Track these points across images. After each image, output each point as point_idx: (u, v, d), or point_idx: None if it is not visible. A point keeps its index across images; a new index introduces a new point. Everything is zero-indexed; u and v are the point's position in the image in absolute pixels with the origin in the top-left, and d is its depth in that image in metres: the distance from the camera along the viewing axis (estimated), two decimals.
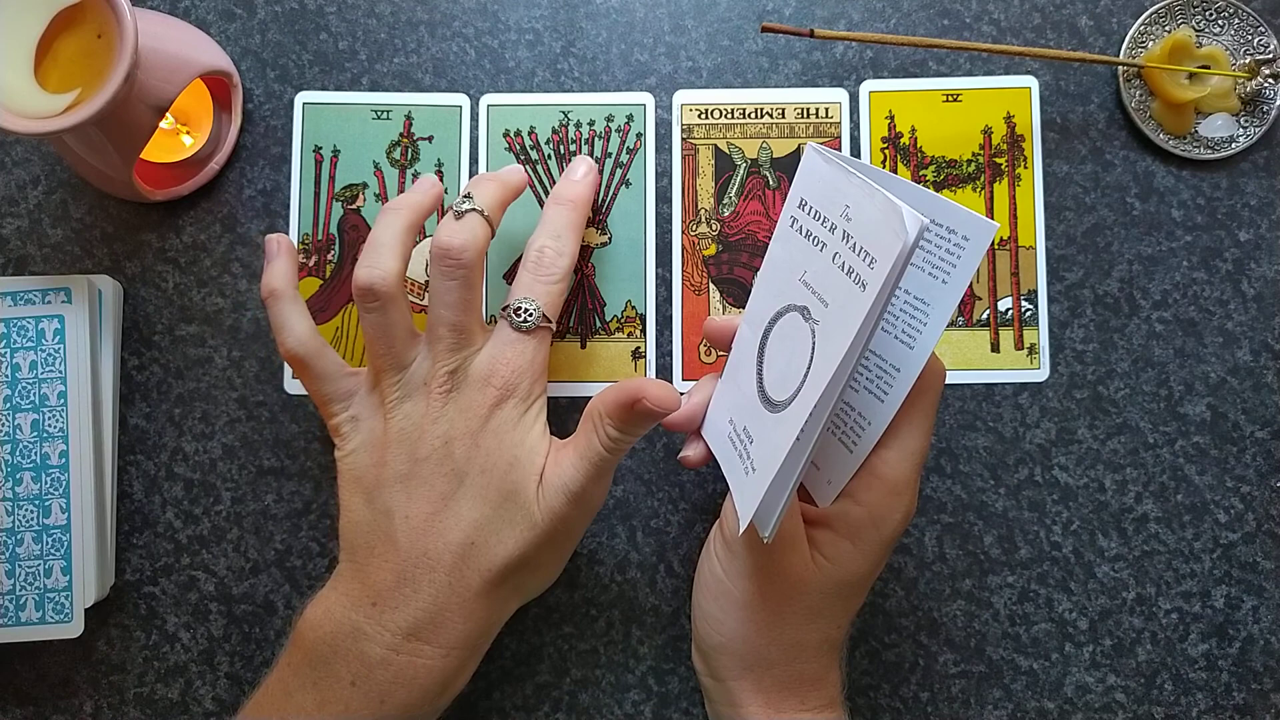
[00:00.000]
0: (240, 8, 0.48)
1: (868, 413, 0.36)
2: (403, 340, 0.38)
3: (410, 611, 0.36)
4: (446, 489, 0.37)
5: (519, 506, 0.36)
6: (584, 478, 0.37)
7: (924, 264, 0.34)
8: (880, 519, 0.35)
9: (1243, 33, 0.46)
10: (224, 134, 0.47)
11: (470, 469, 0.37)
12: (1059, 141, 0.47)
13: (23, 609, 0.42)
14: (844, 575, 0.36)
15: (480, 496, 0.36)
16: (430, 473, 0.37)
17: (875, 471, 0.36)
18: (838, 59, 0.47)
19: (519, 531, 0.36)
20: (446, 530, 0.36)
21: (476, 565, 0.36)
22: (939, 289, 0.34)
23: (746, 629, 0.37)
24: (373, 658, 0.35)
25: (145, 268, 0.46)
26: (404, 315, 0.38)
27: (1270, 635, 0.45)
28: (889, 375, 0.35)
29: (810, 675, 0.37)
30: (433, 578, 0.36)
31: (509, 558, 0.36)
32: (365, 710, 0.35)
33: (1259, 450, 0.45)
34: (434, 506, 0.37)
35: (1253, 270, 0.46)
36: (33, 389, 0.43)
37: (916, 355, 0.34)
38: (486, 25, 0.47)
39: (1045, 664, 0.45)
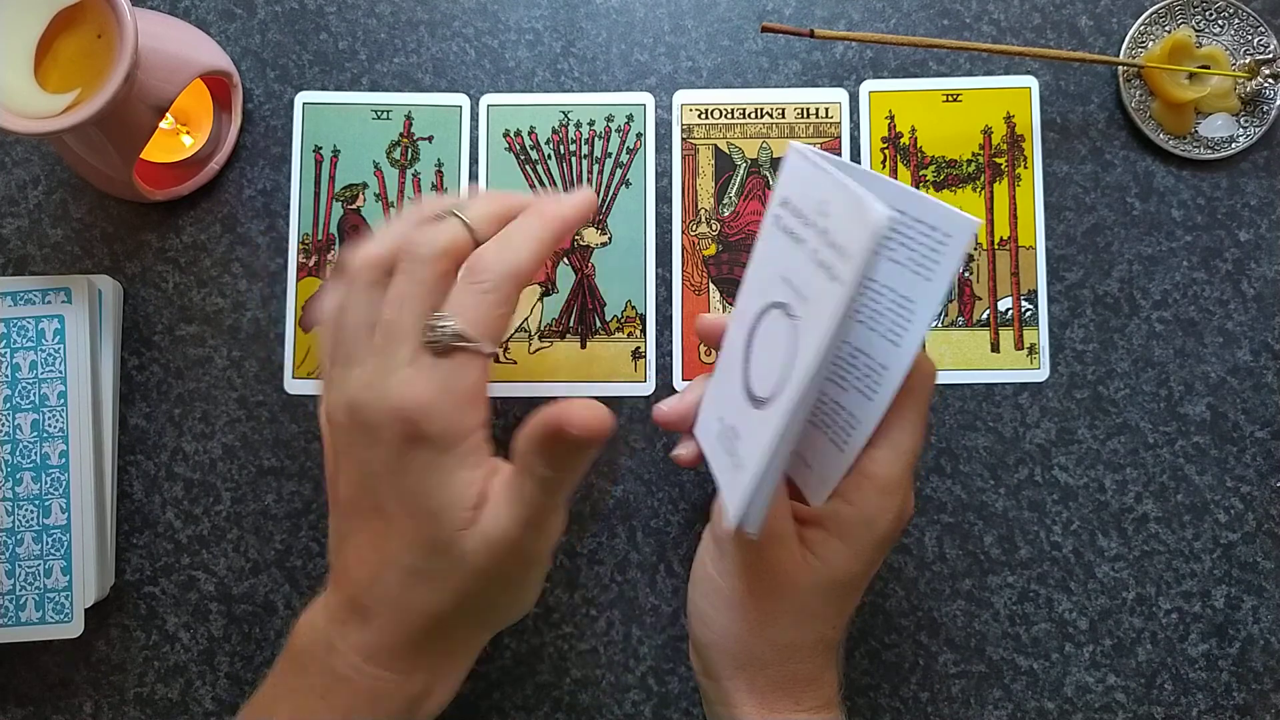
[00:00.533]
0: (240, 8, 0.48)
1: (857, 412, 0.36)
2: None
3: (366, 635, 0.35)
4: (380, 527, 0.34)
5: (448, 561, 0.33)
6: (518, 528, 0.33)
7: (907, 261, 0.34)
8: (872, 519, 0.35)
9: (1243, 33, 0.46)
10: (224, 134, 0.47)
11: (395, 512, 0.33)
12: (1059, 141, 0.47)
13: (23, 609, 0.42)
14: (836, 574, 0.35)
15: (407, 543, 0.33)
16: (364, 506, 0.34)
17: (866, 471, 0.35)
18: (838, 59, 0.47)
19: (451, 585, 0.34)
20: (384, 568, 0.34)
21: (418, 609, 0.34)
22: (923, 286, 0.34)
23: (738, 627, 0.37)
24: (339, 673, 0.35)
25: (145, 268, 0.46)
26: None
27: (1270, 635, 0.45)
28: (876, 374, 0.35)
29: (805, 675, 0.37)
30: (379, 610, 0.34)
31: (443, 610, 0.34)
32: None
33: (1259, 450, 0.45)
34: (372, 541, 0.34)
35: (1253, 270, 0.46)
36: (33, 389, 0.43)
37: (903, 353, 0.34)
38: (486, 25, 0.47)
39: (1045, 664, 0.45)
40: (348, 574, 0.35)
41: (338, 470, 0.35)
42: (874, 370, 0.35)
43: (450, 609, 0.34)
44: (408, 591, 0.34)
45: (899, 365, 0.34)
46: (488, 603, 0.35)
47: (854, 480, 0.35)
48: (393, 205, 0.47)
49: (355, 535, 0.35)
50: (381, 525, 0.34)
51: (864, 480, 0.35)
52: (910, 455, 0.35)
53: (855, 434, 0.36)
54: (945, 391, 0.46)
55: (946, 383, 0.46)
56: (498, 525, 0.33)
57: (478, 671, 0.44)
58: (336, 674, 0.35)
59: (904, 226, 0.33)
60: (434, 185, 0.47)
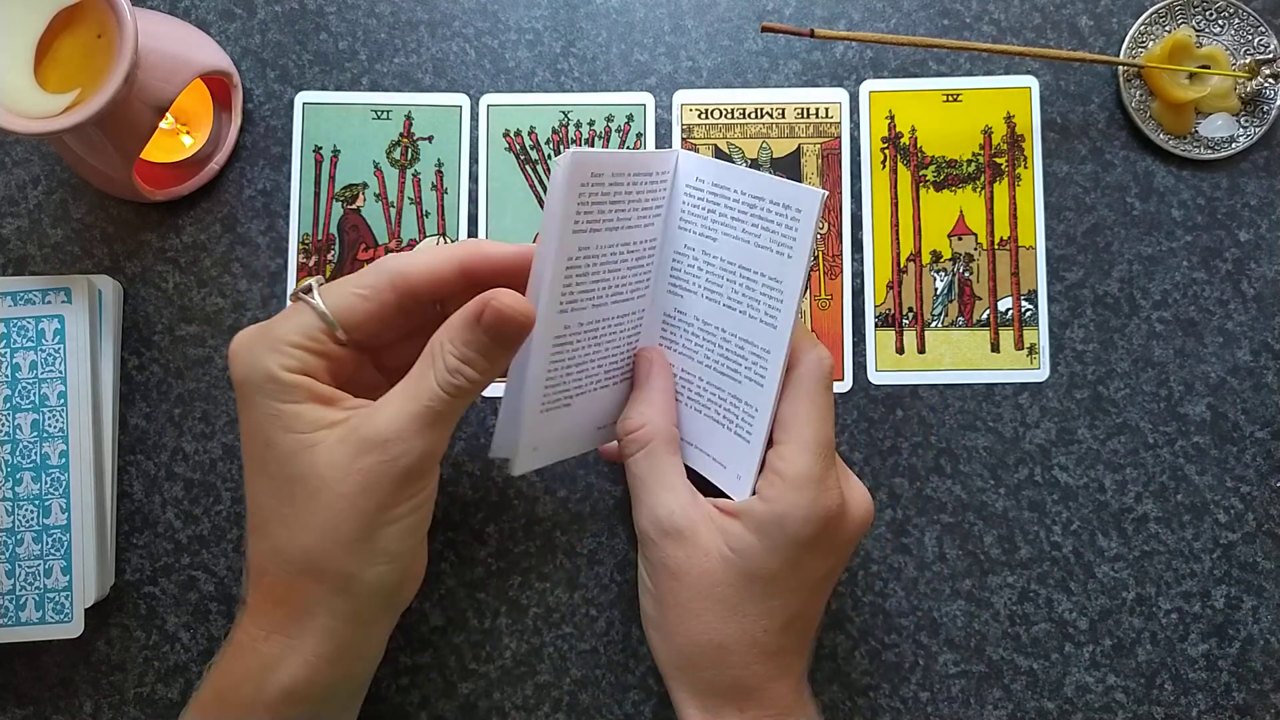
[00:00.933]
0: (240, 8, 0.48)
1: (753, 400, 0.37)
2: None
3: (248, 590, 0.36)
4: (245, 468, 0.36)
5: (295, 487, 0.33)
6: (405, 424, 0.33)
7: (770, 244, 0.35)
8: (784, 515, 0.34)
9: (1243, 33, 0.46)
10: (224, 134, 0.47)
11: (244, 451, 0.35)
12: (1059, 141, 0.47)
13: (23, 609, 0.42)
14: (750, 569, 0.35)
15: (252, 479, 0.35)
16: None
17: (774, 468, 0.35)
18: (838, 59, 0.47)
19: (301, 516, 0.33)
20: (249, 515, 0.36)
21: (264, 550, 0.35)
22: (786, 264, 0.35)
23: (667, 624, 0.37)
24: (230, 634, 0.36)
25: (145, 268, 0.46)
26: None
27: (1270, 635, 0.45)
28: (762, 359, 0.36)
29: (746, 683, 0.36)
30: (249, 559, 0.36)
31: (289, 547, 0.34)
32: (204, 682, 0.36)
33: (1259, 450, 0.45)
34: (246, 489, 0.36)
35: (1253, 270, 0.46)
36: (33, 389, 0.43)
37: (780, 334, 0.35)
38: (486, 25, 0.47)
39: (1045, 664, 0.45)
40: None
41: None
42: (759, 356, 0.36)
43: (298, 554, 0.34)
44: (256, 536, 0.35)
45: (779, 346, 0.35)
46: (347, 538, 0.34)
47: (767, 478, 0.36)
48: (393, 205, 0.47)
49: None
50: (245, 466, 0.36)
51: (774, 478, 0.35)
52: (818, 447, 0.35)
53: (755, 421, 0.36)
54: (945, 391, 0.46)
55: (946, 383, 0.46)
56: (379, 423, 0.33)
57: (478, 671, 0.44)
58: (231, 632, 0.36)
59: (761, 207, 0.35)
60: (434, 185, 0.47)
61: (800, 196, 0.34)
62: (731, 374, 0.37)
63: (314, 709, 0.35)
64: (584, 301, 0.36)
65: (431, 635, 0.45)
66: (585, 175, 0.34)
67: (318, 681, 0.35)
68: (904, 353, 0.46)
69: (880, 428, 0.46)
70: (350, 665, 0.36)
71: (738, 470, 0.37)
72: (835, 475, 0.36)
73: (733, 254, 0.37)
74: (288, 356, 0.34)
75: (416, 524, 0.35)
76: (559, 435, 0.39)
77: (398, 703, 0.44)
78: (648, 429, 0.38)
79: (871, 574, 0.45)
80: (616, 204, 0.36)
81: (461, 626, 0.45)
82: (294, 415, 0.33)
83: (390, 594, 0.36)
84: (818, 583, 0.37)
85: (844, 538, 0.36)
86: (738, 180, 0.36)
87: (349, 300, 0.35)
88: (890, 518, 0.45)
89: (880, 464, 0.45)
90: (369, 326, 0.35)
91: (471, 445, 0.46)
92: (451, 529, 0.45)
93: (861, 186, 0.47)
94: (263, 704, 0.34)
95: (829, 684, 0.44)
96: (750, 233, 0.36)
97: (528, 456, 0.39)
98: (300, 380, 0.34)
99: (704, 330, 0.38)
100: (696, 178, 0.38)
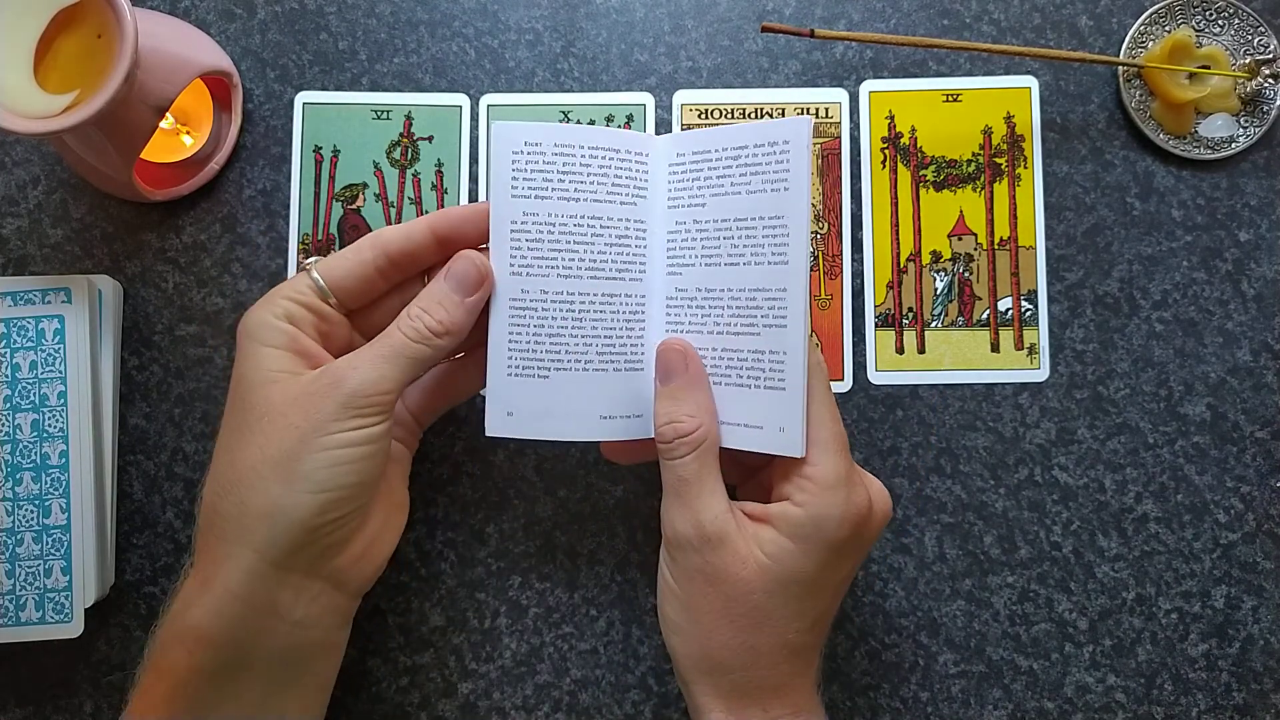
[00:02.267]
0: (240, 8, 0.48)
1: (778, 345, 0.36)
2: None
3: (197, 529, 0.37)
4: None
5: (249, 410, 0.35)
6: (358, 356, 0.36)
7: (763, 186, 0.36)
8: (820, 519, 0.35)
9: (1243, 33, 0.46)
10: (224, 134, 0.47)
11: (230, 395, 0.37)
12: (1059, 141, 0.47)
13: (23, 609, 0.42)
14: (787, 574, 0.35)
15: (224, 421, 0.37)
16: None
17: (801, 472, 0.35)
18: (838, 59, 0.47)
19: (241, 436, 0.35)
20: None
21: (216, 471, 0.36)
22: (785, 199, 0.36)
23: (696, 630, 0.37)
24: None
25: (145, 268, 0.46)
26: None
27: (1270, 635, 0.45)
28: (779, 300, 0.36)
29: (772, 683, 0.36)
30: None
31: (224, 474, 0.35)
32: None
33: (1259, 450, 0.45)
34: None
35: (1253, 270, 0.46)
36: (33, 389, 0.43)
37: (794, 269, 0.36)
38: (486, 25, 0.47)
39: (1045, 664, 0.45)
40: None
41: None
42: (775, 298, 0.36)
43: (229, 466, 0.35)
44: (210, 470, 0.36)
45: (797, 282, 0.36)
46: (275, 455, 0.34)
47: (794, 482, 0.36)
48: (393, 205, 0.47)
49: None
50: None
51: (804, 481, 0.35)
52: (836, 444, 0.36)
53: (789, 366, 0.36)
54: (945, 391, 0.46)
55: (946, 383, 0.46)
56: (342, 358, 0.36)
57: (478, 671, 0.44)
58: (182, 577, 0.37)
59: (746, 154, 0.36)
60: (434, 185, 0.47)
61: (785, 129, 0.36)
62: (749, 330, 0.37)
63: (224, 658, 0.34)
64: (543, 268, 0.38)
65: (431, 635, 0.45)
66: (517, 143, 0.37)
67: (227, 625, 0.34)
68: (904, 353, 0.46)
69: (880, 428, 0.46)
70: (265, 619, 0.35)
71: (780, 423, 0.36)
72: (859, 474, 0.36)
73: (724, 211, 0.37)
74: (278, 306, 0.36)
75: (353, 462, 0.35)
76: (540, 408, 0.39)
77: (398, 703, 0.44)
78: (703, 429, 0.37)
79: (871, 574, 0.45)
80: (569, 174, 0.37)
81: (461, 626, 0.45)
82: (270, 356, 0.36)
83: (315, 540, 0.35)
84: (842, 581, 0.37)
85: (870, 535, 0.37)
86: (717, 139, 0.37)
87: (335, 261, 0.37)
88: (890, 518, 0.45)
89: (880, 464, 0.45)
90: (353, 287, 0.37)
91: (471, 445, 0.46)
92: (451, 529, 0.45)
93: (861, 186, 0.47)
94: (177, 641, 0.34)
95: (829, 684, 0.44)
96: (739, 183, 0.37)
97: (500, 419, 0.39)
98: (285, 327, 0.36)
99: (708, 298, 0.38)
100: (677, 154, 0.38)
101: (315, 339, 0.37)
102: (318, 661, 0.38)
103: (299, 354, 0.36)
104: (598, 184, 0.38)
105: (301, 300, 0.37)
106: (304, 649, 0.37)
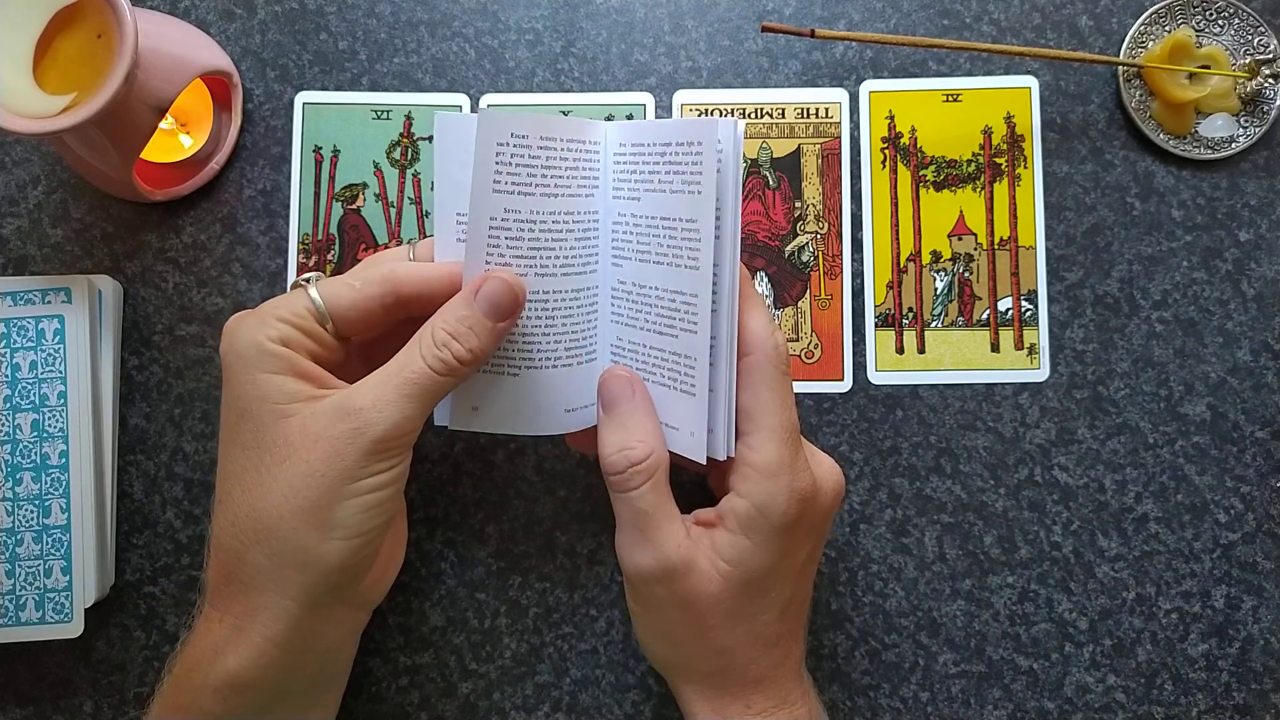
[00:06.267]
0: (240, 8, 0.48)
1: (689, 350, 0.36)
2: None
3: (207, 567, 0.36)
4: (220, 440, 0.36)
5: (266, 454, 0.33)
6: (381, 393, 0.33)
7: (682, 186, 0.35)
8: (765, 506, 0.34)
9: (1243, 33, 0.46)
10: (224, 134, 0.47)
11: (223, 422, 0.35)
12: (1059, 141, 0.47)
13: (23, 609, 0.42)
14: (748, 573, 0.35)
15: (225, 447, 0.35)
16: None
17: (745, 460, 0.35)
18: (838, 59, 0.47)
19: (263, 478, 0.33)
20: (218, 486, 0.36)
21: (222, 524, 0.35)
22: (697, 202, 0.35)
23: (674, 651, 0.37)
24: (196, 614, 0.36)
25: (145, 268, 0.46)
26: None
27: (1270, 635, 0.45)
28: (691, 304, 0.36)
29: (753, 676, 0.36)
30: (210, 541, 0.36)
31: (249, 519, 0.34)
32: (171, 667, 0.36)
33: (1259, 450, 0.45)
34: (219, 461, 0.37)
35: (1253, 270, 0.46)
36: (33, 389, 0.43)
37: (702, 275, 0.35)
38: (486, 25, 0.47)
39: (1045, 664, 0.45)
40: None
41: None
42: (688, 302, 0.36)
43: (256, 512, 0.34)
44: (219, 509, 0.35)
45: (704, 288, 0.35)
46: (306, 505, 0.33)
47: (739, 473, 0.35)
48: (393, 205, 0.47)
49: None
50: (220, 439, 0.36)
51: (746, 470, 0.35)
52: (782, 432, 0.35)
53: (697, 372, 0.36)
54: (945, 391, 0.46)
55: (946, 383, 0.46)
56: (360, 389, 0.34)
57: (478, 671, 0.44)
58: (195, 616, 0.36)
59: (670, 152, 0.35)
60: (434, 185, 0.47)
61: (697, 129, 0.35)
62: (669, 330, 0.37)
63: (260, 700, 0.35)
64: (520, 266, 0.36)
65: (431, 635, 0.45)
66: (503, 134, 0.34)
67: (265, 670, 0.34)
68: (904, 353, 0.46)
69: (880, 428, 0.46)
70: (301, 655, 0.35)
71: (690, 428, 0.36)
72: (804, 458, 0.35)
73: (654, 208, 0.37)
74: (273, 329, 0.34)
75: (381, 504, 0.34)
76: (509, 405, 0.38)
77: (398, 703, 0.44)
78: (656, 455, 0.36)
79: (871, 574, 0.45)
80: (551, 169, 0.36)
81: (461, 626, 0.45)
82: (272, 385, 0.34)
83: (347, 579, 0.35)
84: (804, 564, 0.37)
85: (820, 515, 0.36)
86: (649, 133, 0.36)
87: (340, 289, 0.35)
88: (890, 518, 0.45)
89: (880, 464, 0.45)
90: (356, 320, 0.35)
91: (471, 445, 0.46)
92: (451, 529, 0.45)
93: (861, 186, 0.47)
94: (209, 689, 0.34)
95: (829, 684, 0.44)
96: (665, 181, 0.36)
97: (465, 415, 0.38)
98: (283, 351, 0.34)
99: (640, 294, 0.38)
100: (620, 143, 0.38)
101: (309, 360, 0.35)
102: (339, 676, 0.39)
103: (301, 377, 0.34)
104: (571, 178, 0.37)
105: (299, 324, 0.35)
106: (329, 670, 0.38)
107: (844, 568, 0.45)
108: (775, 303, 0.46)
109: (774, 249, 0.47)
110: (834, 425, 0.46)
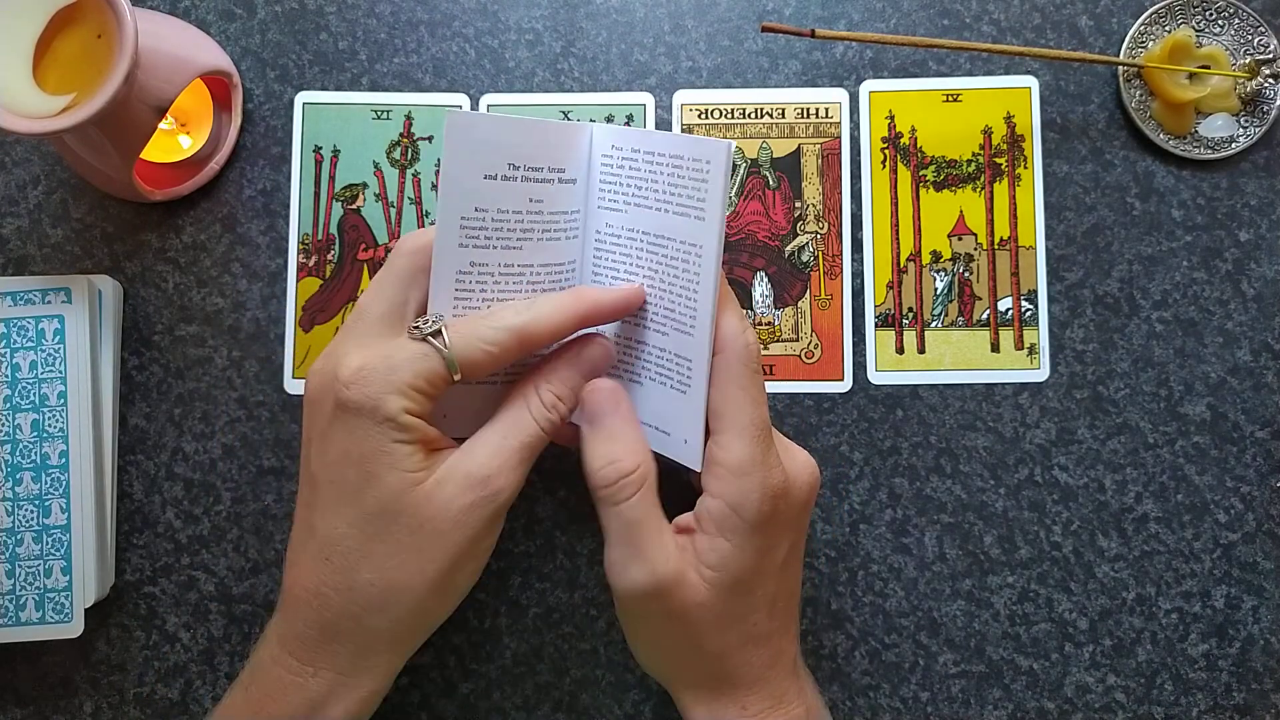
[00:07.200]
0: (240, 8, 0.48)
1: (685, 351, 0.36)
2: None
3: (282, 618, 0.35)
4: (307, 496, 0.35)
5: (374, 527, 0.33)
6: (504, 459, 0.34)
7: (685, 208, 0.35)
8: (739, 505, 0.34)
9: (1243, 33, 0.46)
10: (224, 134, 0.47)
11: (320, 480, 0.34)
12: (1059, 141, 0.47)
13: (23, 609, 0.42)
14: (731, 576, 0.35)
15: (325, 512, 0.34)
16: (302, 480, 0.36)
17: (716, 459, 0.35)
18: (838, 59, 0.47)
19: (392, 548, 0.33)
20: (307, 542, 0.35)
21: (330, 586, 0.34)
22: (700, 227, 0.35)
23: (668, 661, 0.38)
24: (260, 660, 0.35)
25: (145, 268, 0.46)
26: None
27: (1270, 635, 0.45)
28: (691, 313, 0.36)
29: (747, 677, 0.36)
30: (294, 589, 0.35)
31: (375, 587, 0.34)
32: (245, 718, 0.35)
33: (1259, 450, 0.45)
34: (300, 515, 0.36)
35: (1253, 270, 0.46)
36: (33, 389, 0.43)
37: (704, 292, 0.35)
38: (486, 25, 0.47)
39: (1045, 664, 0.45)
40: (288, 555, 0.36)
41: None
42: (691, 311, 0.36)
43: (385, 582, 0.34)
44: (323, 565, 0.34)
45: (706, 302, 0.35)
46: (435, 576, 0.34)
47: (710, 472, 0.35)
48: (393, 205, 0.47)
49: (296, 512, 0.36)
50: (309, 495, 0.35)
51: (717, 469, 0.35)
52: (752, 429, 0.35)
53: (693, 372, 0.36)
54: (945, 391, 0.46)
55: (946, 383, 0.46)
56: (481, 455, 0.34)
57: (478, 671, 0.44)
58: (259, 661, 0.35)
59: (670, 168, 0.35)
60: (434, 185, 0.47)
61: (705, 148, 0.34)
62: (658, 327, 0.37)
63: None
64: (499, 266, 0.36)
65: (431, 635, 0.45)
66: (494, 135, 0.34)
67: (361, 717, 0.36)
68: (904, 353, 0.46)
69: (880, 428, 0.46)
70: (384, 694, 0.37)
71: (683, 434, 0.37)
72: (775, 454, 0.35)
73: (645, 224, 0.37)
74: (410, 400, 0.33)
75: (486, 557, 0.36)
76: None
77: (398, 703, 0.44)
78: (644, 466, 0.35)
79: (871, 574, 0.45)
80: (534, 165, 0.36)
81: (461, 626, 0.45)
82: (403, 453, 0.34)
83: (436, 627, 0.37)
84: (785, 560, 0.37)
85: (795, 509, 0.36)
86: (645, 142, 0.36)
87: (477, 355, 0.34)
88: (890, 518, 0.45)
89: (880, 464, 0.45)
90: (482, 369, 0.35)
91: None
92: None
93: (861, 186, 0.47)
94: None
95: (829, 684, 0.44)
96: (663, 200, 0.36)
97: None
98: (417, 424, 0.34)
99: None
100: (612, 145, 0.37)
101: (430, 423, 0.35)
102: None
103: (426, 444, 0.34)
104: (549, 170, 0.36)
105: (433, 394, 0.34)
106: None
107: (844, 568, 0.45)
108: (775, 303, 0.46)
109: (774, 249, 0.47)
110: (834, 425, 0.46)
